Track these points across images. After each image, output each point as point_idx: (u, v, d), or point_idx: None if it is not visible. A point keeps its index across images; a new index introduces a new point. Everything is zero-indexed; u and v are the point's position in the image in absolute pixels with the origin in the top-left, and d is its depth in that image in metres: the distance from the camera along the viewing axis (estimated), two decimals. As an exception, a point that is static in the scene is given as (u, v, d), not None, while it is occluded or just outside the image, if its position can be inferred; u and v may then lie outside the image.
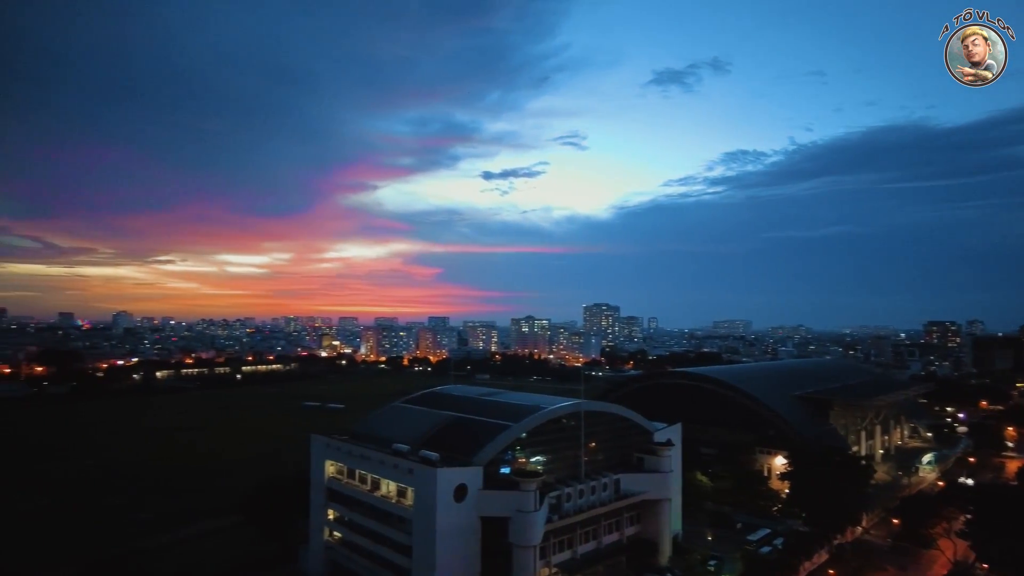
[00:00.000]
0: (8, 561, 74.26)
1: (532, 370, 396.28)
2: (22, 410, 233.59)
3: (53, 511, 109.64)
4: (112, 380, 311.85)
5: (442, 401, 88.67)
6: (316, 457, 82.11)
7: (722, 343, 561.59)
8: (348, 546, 76.32)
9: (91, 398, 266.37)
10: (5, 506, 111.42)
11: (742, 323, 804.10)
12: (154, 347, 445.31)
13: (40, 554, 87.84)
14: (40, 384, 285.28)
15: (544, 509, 67.16)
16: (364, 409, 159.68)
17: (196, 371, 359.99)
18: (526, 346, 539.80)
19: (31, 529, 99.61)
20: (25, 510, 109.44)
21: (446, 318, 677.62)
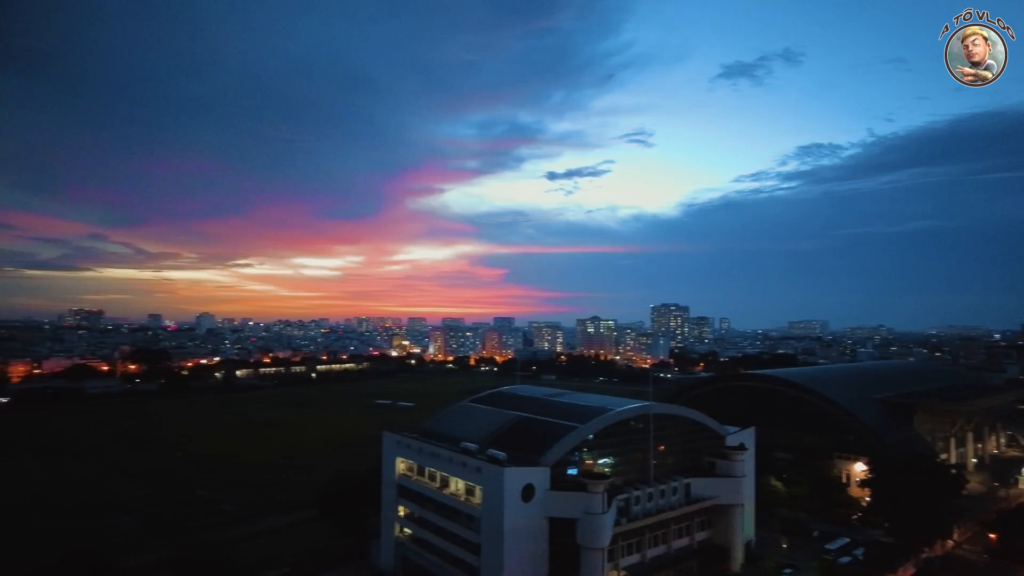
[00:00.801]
0: (112, 545, 79.58)
1: (598, 371, 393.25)
2: (119, 405, 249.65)
3: (149, 500, 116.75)
4: (196, 378, 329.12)
5: (509, 401, 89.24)
6: (387, 454, 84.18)
7: (797, 344, 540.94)
8: (418, 542, 77.85)
9: (178, 395, 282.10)
10: (109, 496, 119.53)
11: (819, 323, 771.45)
12: (234, 347, 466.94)
13: (139, 539, 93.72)
14: (133, 381, 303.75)
15: (612, 512, 66.65)
16: (433, 407, 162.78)
17: (274, 370, 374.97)
18: (592, 347, 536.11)
19: (132, 516, 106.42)
20: (126, 499, 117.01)
21: (511, 319, 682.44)
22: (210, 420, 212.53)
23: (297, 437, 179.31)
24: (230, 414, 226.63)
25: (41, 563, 63.51)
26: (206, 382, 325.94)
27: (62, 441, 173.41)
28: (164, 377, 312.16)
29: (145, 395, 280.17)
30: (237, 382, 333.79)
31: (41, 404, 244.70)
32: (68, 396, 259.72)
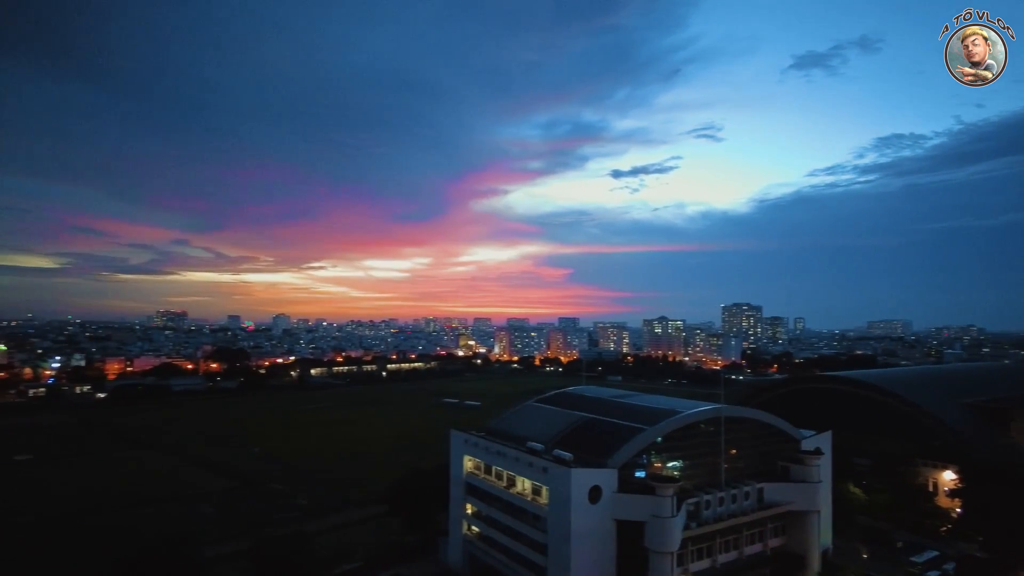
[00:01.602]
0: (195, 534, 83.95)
1: (666, 372, 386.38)
2: (202, 402, 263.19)
3: (229, 493, 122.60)
4: (273, 376, 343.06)
5: (575, 401, 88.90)
6: (455, 452, 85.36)
7: (877, 345, 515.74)
8: (485, 540, 78.57)
9: (256, 392, 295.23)
10: (192, 487, 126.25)
11: (900, 323, 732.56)
12: (309, 346, 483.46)
13: (220, 529, 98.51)
14: (214, 379, 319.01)
15: (682, 515, 65.43)
16: (498, 407, 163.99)
17: (346, 369, 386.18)
18: (659, 348, 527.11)
19: (213, 507, 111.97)
20: (208, 491, 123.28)
21: (576, 319, 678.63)
22: (286, 417, 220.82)
23: (368, 434, 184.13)
24: (305, 411, 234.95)
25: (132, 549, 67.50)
26: (282, 380, 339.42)
27: (151, 435, 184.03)
28: (243, 375, 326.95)
29: (225, 392, 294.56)
30: (311, 380, 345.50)
31: (133, 400, 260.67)
32: (157, 393, 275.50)
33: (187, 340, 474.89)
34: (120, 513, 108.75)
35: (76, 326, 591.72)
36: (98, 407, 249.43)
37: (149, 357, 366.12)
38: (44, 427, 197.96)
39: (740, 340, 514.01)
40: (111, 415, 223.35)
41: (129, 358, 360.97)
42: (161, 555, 64.80)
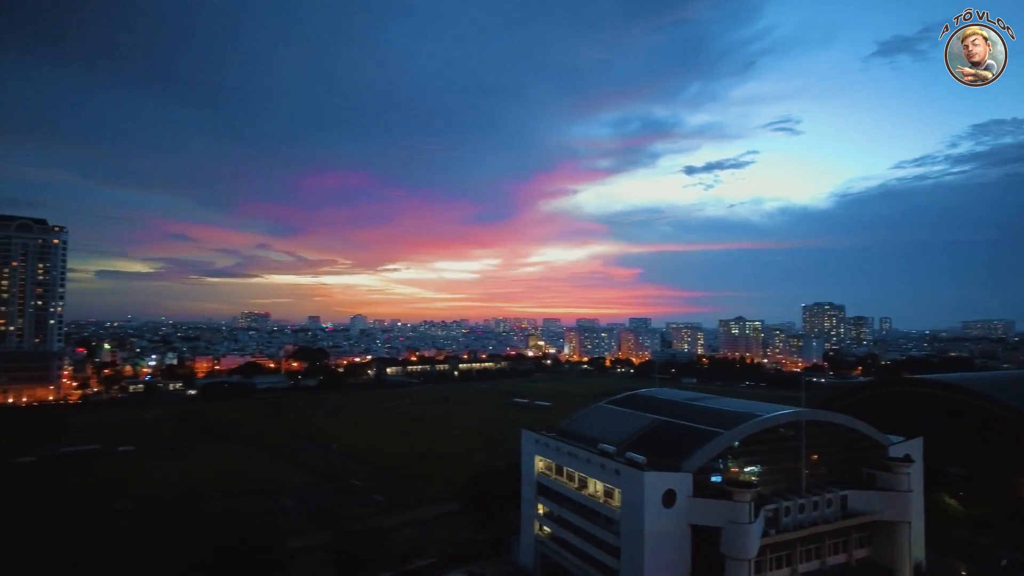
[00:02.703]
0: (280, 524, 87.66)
1: (743, 375, 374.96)
2: (284, 399, 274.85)
3: (309, 487, 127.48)
4: (350, 375, 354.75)
5: (647, 403, 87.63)
6: (526, 452, 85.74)
7: (973, 347, 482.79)
8: (557, 541, 78.53)
9: (334, 390, 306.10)
10: (275, 481, 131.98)
11: (1001, 323, 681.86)
12: (384, 346, 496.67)
13: (301, 522, 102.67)
14: (296, 377, 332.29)
15: (760, 522, 63.46)
16: (569, 407, 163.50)
17: (420, 368, 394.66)
18: (736, 349, 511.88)
19: (295, 500, 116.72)
20: (289, 484, 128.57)
21: (648, 319, 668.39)
22: (363, 414, 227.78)
23: (441, 432, 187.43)
24: (381, 409, 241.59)
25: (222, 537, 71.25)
26: (359, 379, 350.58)
27: (237, 430, 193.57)
28: (323, 374, 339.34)
29: (306, 390, 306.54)
30: (387, 379, 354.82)
31: (220, 396, 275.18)
32: (242, 390, 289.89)
33: (270, 340, 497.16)
34: (210, 503, 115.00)
35: (169, 327, 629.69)
36: (189, 403, 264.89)
37: (235, 356, 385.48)
38: (143, 421, 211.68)
39: (821, 341, 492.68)
40: (201, 410, 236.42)
41: (217, 357, 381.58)
42: (249, 544, 68.09)
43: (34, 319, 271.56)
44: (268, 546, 69.83)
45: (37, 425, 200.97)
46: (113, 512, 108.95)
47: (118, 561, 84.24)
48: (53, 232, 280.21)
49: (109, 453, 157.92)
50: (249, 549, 67.47)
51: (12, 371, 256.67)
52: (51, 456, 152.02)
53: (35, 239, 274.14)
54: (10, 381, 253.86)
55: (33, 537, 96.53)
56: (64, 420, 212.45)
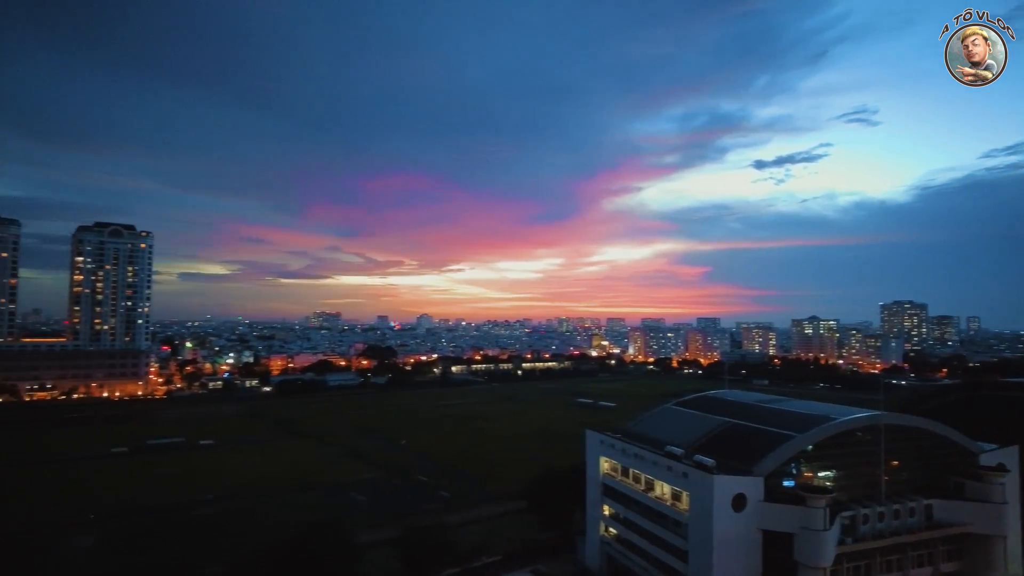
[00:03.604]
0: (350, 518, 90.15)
1: (817, 376, 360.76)
2: (355, 396, 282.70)
3: (378, 482, 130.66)
4: (418, 373, 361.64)
5: (717, 405, 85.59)
6: (591, 453, 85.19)
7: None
8: (623, 543, 77.73)
9: (402, 388, 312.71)
10: (346, 475, 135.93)
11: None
12: (449, 345, 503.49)
13: (369, 516, 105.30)
14: (365, 375, 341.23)
15: (836, 529, 60.95)
16: (634, 408, 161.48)
17: (484, 367, 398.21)
18: (809, 350, 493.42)
19: (364, 495, 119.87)
20: (359, 480, 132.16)
21: (716, 319, 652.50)
22: (429, 411, 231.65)
23: (506, 430, 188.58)
24: (446, 406, 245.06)
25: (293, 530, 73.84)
26: (426, 377, 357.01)
27: (310, 426, 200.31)
28: (391, 372, 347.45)
29: (375, 387, 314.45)
30: (452, 377, 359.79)
31: (294, 393, 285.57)
32: (315, 387, 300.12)
33: (341, 339, 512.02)
34: (283, 496, 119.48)
35: (246, 326, 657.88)
36: (265, 399, 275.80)
37: (308, 355, 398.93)
38: (221, 416, 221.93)
39: (902, 341, 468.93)
40: (276, 406, 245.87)
41: (290, 355, 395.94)
42: (320, 537, 70.35)
43: (125, 319, 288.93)
44: (338, 540, 71.97)
45: (128, 418, 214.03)
46: (196, 502, 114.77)
47: (200, 548, 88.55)
48: (140, 237, 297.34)
49: (192, 446, 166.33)
50: (320, 542, 69.73)
51: (107, 367, 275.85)
52: (141, 447, 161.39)
53: (125, 244, 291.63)
54: (105, 377, 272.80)
55: (127, 522, 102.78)
56: (151, 414, 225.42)
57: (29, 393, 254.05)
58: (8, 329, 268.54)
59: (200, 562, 76.02)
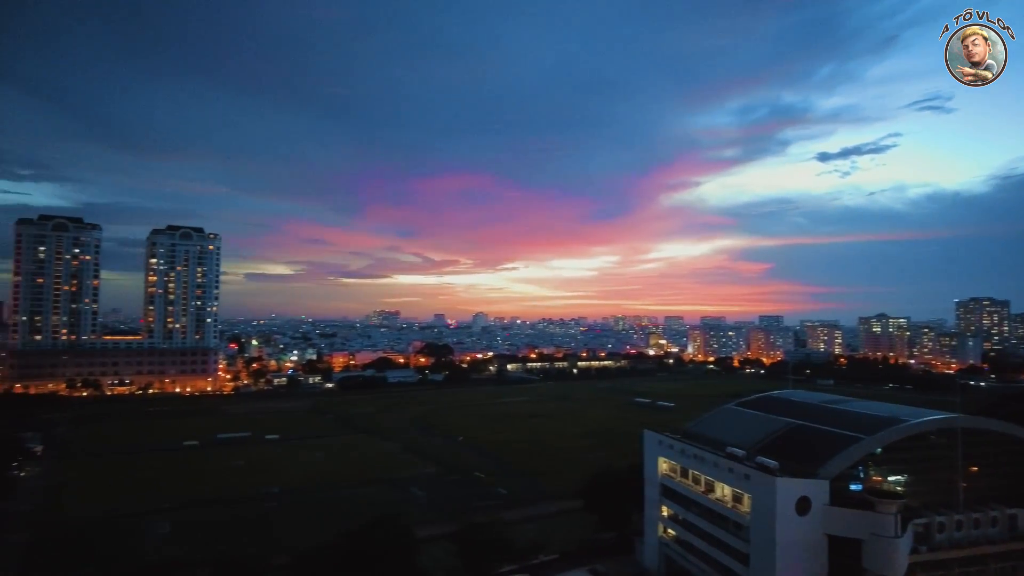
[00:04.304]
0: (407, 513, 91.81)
1: (886, 376, 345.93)
2: (413, 392, 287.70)
3: (436, 478, 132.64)
4: (474, 371, 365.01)
5: (779, 406, 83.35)
6: (649, 453, 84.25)
7: None
8: (682, 544, 76.60)
9: (459, 385, 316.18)
10: (408, 471, 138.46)
11: None
12: (504, 343, 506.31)
13: (428, 511, 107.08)
14: (423, 372, 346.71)
15: (908, 537, 58.44)
16: (693, 409, 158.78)
17: (539, 365, 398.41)
18: (878, 349, 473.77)
19: (422, 490, 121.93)
20: (418, 474, 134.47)
21: (779, 317, 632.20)
22: (486, 408, 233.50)
23: (562, 428, 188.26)
24: (502, 404, 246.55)
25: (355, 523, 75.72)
26: (482, 374, 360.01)
27: (370, 421, 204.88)
28: (448, 369, 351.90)
29: (433, 384, 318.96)
30: (508, 375, 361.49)
31: (355, 389, 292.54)
32: (375, 384, 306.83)
33: (399, 336, 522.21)
34: (345, 489, 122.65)
35: (308, 324, 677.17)
36: (327, 395, 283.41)
37: (368, 352, 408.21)
38: (286, 411, 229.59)
39: (980, 340, 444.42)
40: (338, 402, 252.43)
41: (351, 352, 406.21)
42: (381, 531, 71.96)
43: (195, 317, 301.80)
44: (398, 534, 73.41)
45: (198, 412, 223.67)
46: (262, 494, 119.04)
47: (268, 539, 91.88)
48: (209, 239, 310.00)
49: (258, 440, 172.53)
50: (381, 536, 71.31)
51: (179, 364, 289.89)
52: (210, 441, 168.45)
53: (195, 246, 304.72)
54: (177, 373, 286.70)
55: (199, 512, 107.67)
56: (219, 409, 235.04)
57: (111, 388, 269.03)
58: (91, 327, 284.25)
59: (268, 552, 78.77)
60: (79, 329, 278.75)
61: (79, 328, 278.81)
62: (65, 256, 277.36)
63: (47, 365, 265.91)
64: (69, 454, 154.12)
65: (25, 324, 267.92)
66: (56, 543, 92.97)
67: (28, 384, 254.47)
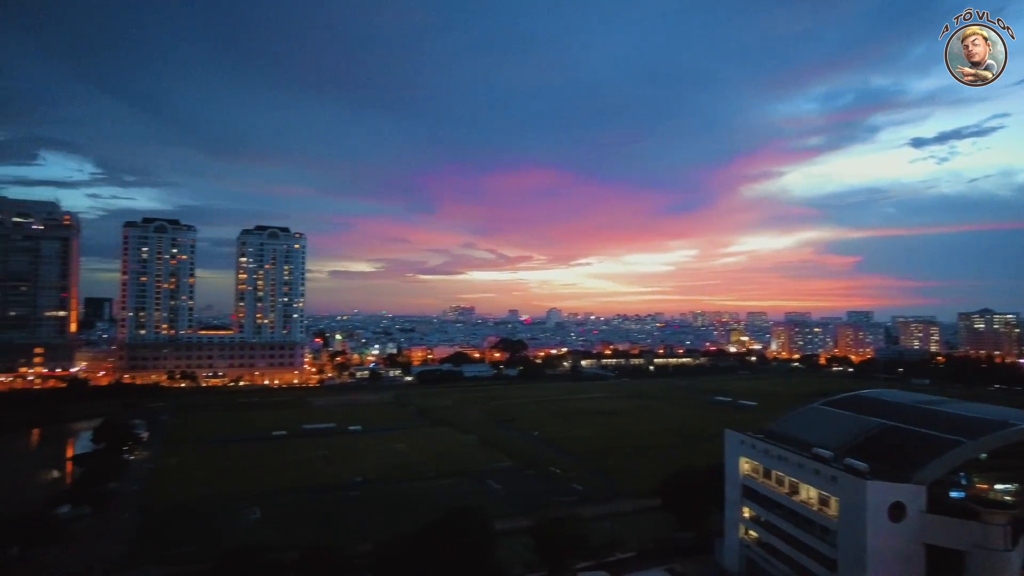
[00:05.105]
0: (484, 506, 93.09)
1: (990, 376, 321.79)
2: (488, 387, 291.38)
3: (512, 471, 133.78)
4: (548, 366, 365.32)
5: (871, 406, 79.23)
6: (730, 453, 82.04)
7: None
8: (765, 547, 74.21)
9: (533, 380, 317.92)
10: (484, 464, 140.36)
11: None
12: (579, 339, 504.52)
13: (506, 505, 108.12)
14: (498, 367, 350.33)
15: (1020, 551, 54.40)
16: (776, 408, 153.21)
17: (614, 361, 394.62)
18: (980, 346, 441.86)
19: (499, 483, 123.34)
20: (497, 468, 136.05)
21: (869, 312, 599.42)
22: (561, 404, 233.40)
23: (638, 427, 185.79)
24: (577, 400, 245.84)
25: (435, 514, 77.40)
26: (556, 370, 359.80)
27: (448, 414, 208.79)
28: (522, 364, 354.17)
29: (507, 379, 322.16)
30: (582, 371, 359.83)
31: (433, 383, 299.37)
32: (451, 377, 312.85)
33: (474, 332, 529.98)
34: (424, 481, 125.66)
35: (388, 320, 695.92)
36: (407, 388, 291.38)
37: (445, 347, 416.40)
38: (368, 403, 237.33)
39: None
40: (417, 395, 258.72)
41: (429, 347, 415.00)
42: (460, 522, 73.27)
43: (282, 313, 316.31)
44: (478, 526, 74.54)
45: (285, 404, 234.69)
46: (346, 483, 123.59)
47: (352, 526, 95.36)
48: (295, 238, 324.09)
49: (342, 431, 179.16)
50: (460, 527, 72.62)
51: (267, 357, 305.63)
52: (297, 432, 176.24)
53: (281, 245, 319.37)
54: (266, 366, 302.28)
55: (287, 499, 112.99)
56: (305, 400, 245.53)
57: (205, 379, 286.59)
58: (188, 322, 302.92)
59: (352, 539, 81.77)
60: (177, 324, 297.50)
61: (177, 323, 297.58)
62: (164, 256, 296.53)
63: (150, 357, 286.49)
64: (170, 440, 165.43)
65: (131, 319, 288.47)
66: (160, 523, 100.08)
67: (134, 375, 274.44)
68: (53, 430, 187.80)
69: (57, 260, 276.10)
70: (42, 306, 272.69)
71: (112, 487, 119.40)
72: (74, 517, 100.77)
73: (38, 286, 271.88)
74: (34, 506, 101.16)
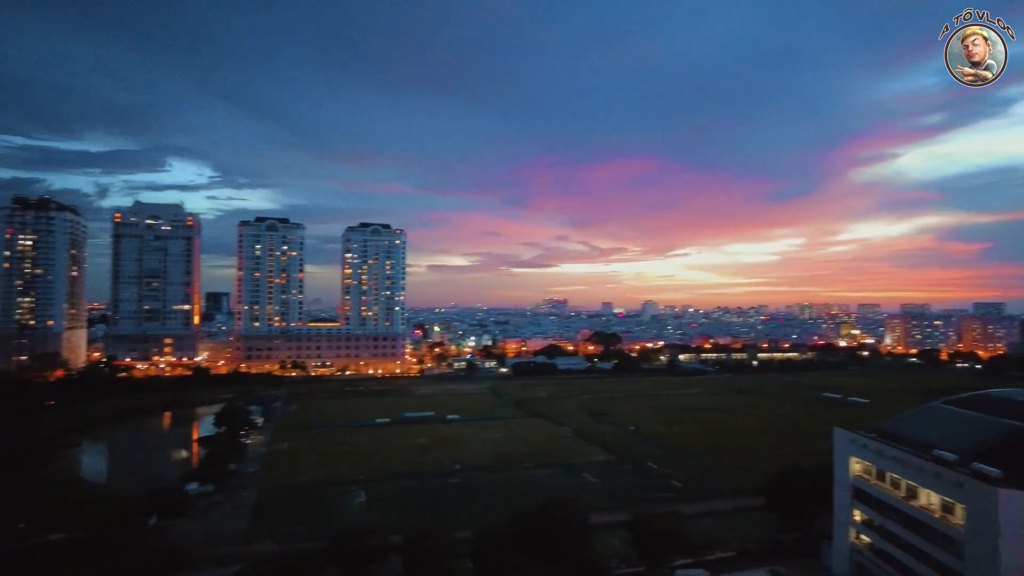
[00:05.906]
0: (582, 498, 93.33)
1: None
2: (583, 380, 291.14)
3: (608, 465, 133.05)
4: (643, 360, 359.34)
5: (1002, 406, 72.76)
6: (839, 452, 77.93)
7: None
8: (878, 553, 70.08)
9: (629, 373, 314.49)
10: (580, 457, 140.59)
11: None
12: (676, 332, 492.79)
13: (603, 498, 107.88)
14: (592, 360, 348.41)
15: None
16: (891, 406, 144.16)
17: (714, 356, 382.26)
18: None
19: (596, 477, 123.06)
20: (593, 461, 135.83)
21: (1000, 303, 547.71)
22: (658, 399, 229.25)
23: (740, 424, 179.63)
24: (675, 395, 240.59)
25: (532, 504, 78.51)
26: (652, 364, 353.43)
27: (543, 406, 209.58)
28: (617, 358, 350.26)
29: (602, 372, 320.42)
30: (680, 366, 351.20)
31: (527, 374, 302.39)
32: (545, 370, 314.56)
33: (568, 324, 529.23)
34: (520, 471, 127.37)
35: (483, 312, 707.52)
36: (502, 379, 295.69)
37: (539, 339, 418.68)
38: (465, 393, 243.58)
39: None
40: (511, 386, 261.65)
41: (523, 339, 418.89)
42: (557, 513, 74.01)
43: (384, 306, 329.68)
44: (574, 517, 74.99)
45: (388, 392, 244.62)
46: (445, 471, 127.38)
47: (451, 512, 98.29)
48: (396, 234, 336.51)
49: (440, 420, 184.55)
50: (557, 517, 73.32)
51: (371, 348, 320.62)
52: (399, 420, 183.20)
53: (383, 241, 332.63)
54: (370, 356, 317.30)
55: (390, 484, 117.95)
56: (406, 389, 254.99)
57: (314, 369, 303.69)
58: (298, 315, 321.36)
59: (452, 525, 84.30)
60: (288, 317, 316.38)
61: (288, 316, 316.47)
62: (276, 252, 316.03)
63: (264, 348, 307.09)
64: (283, 426, 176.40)
65: (247, 312, 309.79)
66: (274, 502, 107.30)
67: (250, 364, 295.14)
68: (181, 414, 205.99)
69: (182, 258, 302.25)
70: (170, 300, 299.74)
71: (232, 468, 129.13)
72: (200, 494, 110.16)
73: (167, 282, 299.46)
74: (168, 483, 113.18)
